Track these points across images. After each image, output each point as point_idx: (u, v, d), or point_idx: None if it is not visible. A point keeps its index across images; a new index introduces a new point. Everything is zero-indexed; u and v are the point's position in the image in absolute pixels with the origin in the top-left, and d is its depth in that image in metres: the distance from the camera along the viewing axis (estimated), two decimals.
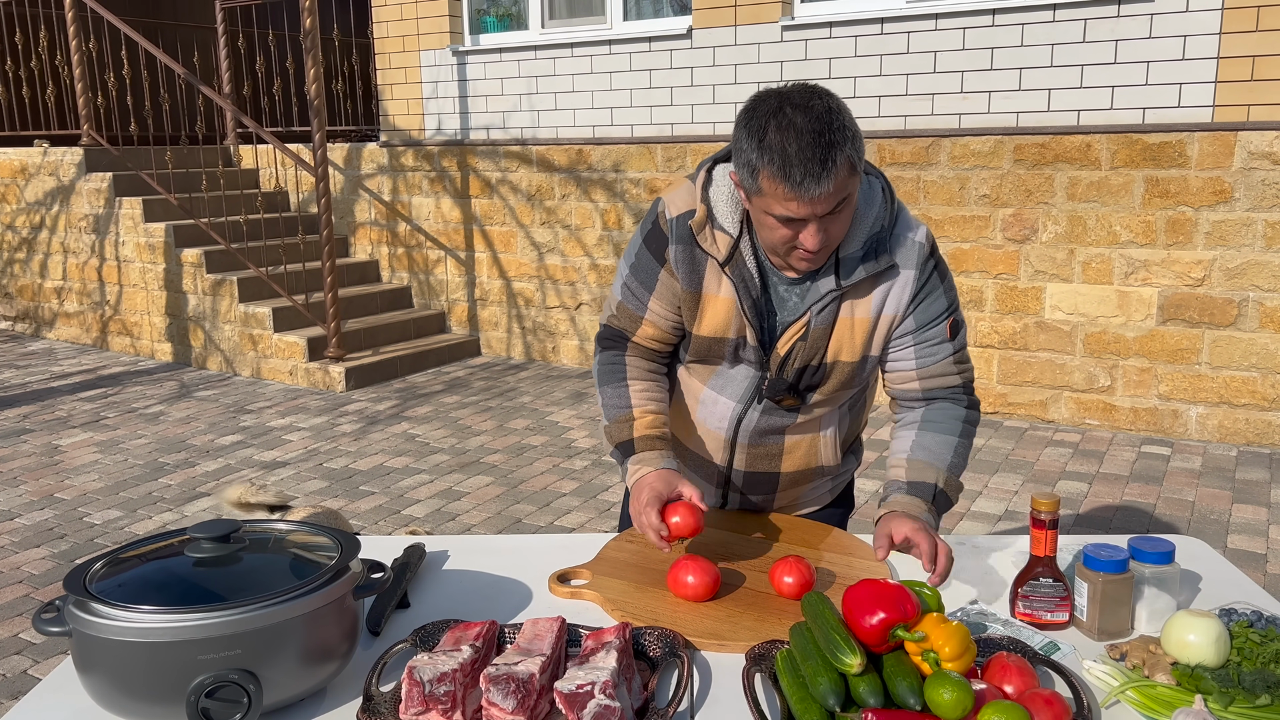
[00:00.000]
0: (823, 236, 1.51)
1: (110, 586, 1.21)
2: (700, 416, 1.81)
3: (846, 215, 1.52)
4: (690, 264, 1.66)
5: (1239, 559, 3.62)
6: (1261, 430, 4.82)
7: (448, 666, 1.20)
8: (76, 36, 7.21)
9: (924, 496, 1.62)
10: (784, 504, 1.91)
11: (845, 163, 1.45)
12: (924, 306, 1.64)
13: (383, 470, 4.78)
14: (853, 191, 1.50)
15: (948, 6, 5.18)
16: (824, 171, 1.43)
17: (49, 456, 5.08)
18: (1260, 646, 1.28)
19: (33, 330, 8.13)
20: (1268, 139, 4.59)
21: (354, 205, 7.56)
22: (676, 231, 1.65)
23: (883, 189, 1.64)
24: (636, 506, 1.60)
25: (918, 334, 1.66)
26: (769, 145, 1.44)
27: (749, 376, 1.71)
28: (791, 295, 1.65)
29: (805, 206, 1.46)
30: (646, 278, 1.71)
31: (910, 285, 1.63)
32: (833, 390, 1.71)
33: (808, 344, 1.64)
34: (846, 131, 1.45)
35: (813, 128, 1.43)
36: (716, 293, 1.66)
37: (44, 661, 3.10)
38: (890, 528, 1.56)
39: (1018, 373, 5.33)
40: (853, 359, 1.67)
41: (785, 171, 1.44)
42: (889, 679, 1.21)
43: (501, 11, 6.91)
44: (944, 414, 1.70)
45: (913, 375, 1.69)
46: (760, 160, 1.46)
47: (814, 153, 1.42)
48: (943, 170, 5.34)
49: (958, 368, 1.69)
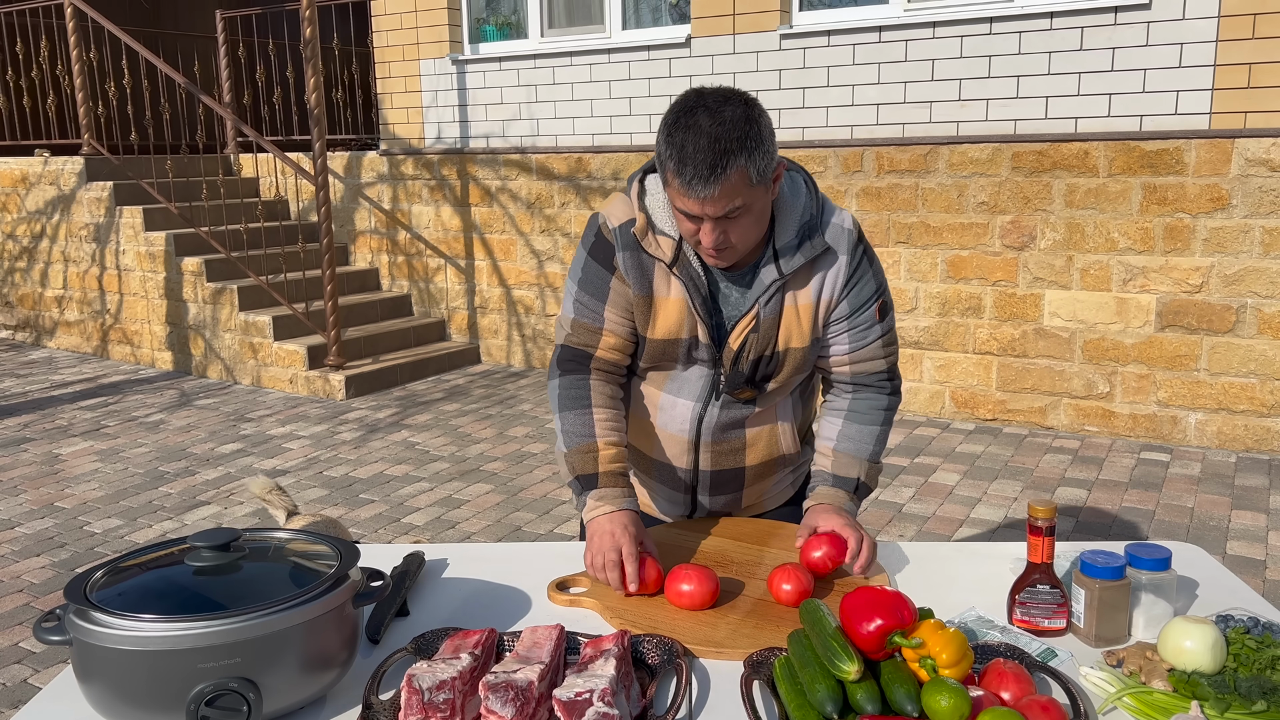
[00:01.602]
0: (720, 237, 1.57)
1: (110, 595, 1.22)
2: (661, 422, 1.82)
3: (747, 223, 1.58)
4: (639, 269, 1.70)
5: (1238, 565, 3.62)
6: (1260, 436, 4.83)
7: (447, 674, 1.20)
8: (77, 46, 7.24)
9: (847, 489, 1.76)
10: (751, 502, 1.94)
11: (738, 172, 1.50)
12: (856, 290, 1.72)
13: (382, 478, 4.79)
14: (752, 202, 1.55)
15: (945, 15, 5.20)
16: (711, 176, 1.49)
17: (49, 465, 5.08)
18: (1256, 653, 1.29)
19: (33, 339, 8.13)
20: (1264, 146, 4.60)
21: (354, 213, 7.57)
22: (622, 239, 1.70)
23: (805, 181, 1.72)
24: (598, 548, 1.59)
25: (851, 318, 1.73)
26: (674, 142, 1.52)
27: (703, 375, 1.76)
28: (736, 290, 1.71)
29: (696, 205, 1.53)
30: (598, 289, 1.74)
31: (844, 270, 1.70)
32: (787, 376, 1.76)
33: (760, 335, 1.69)
34: (749, 143, 1.50)
35: (713, 133, 1.49)
36: (667, 295, 1.71)
37: (44, 670, 3.10)
38: (817, 520, 1.67)
39: (1016, 379, 5.34)
40: (803, 344, 1.73)
41: (679, 169, 1.51)
42: (886, 686, 1.21)
43: (501, 20, 6.94)
44: (869, 404, 1.80)
45: (845, 359, 1.77)
46: (665, 154, 1.54)
47: (707, 157, 1.49)
48: (941, 178, 5.35)
49: (884, 350, 1.78)
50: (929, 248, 5.45)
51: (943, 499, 4.34)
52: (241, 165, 8.16)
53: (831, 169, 5.63)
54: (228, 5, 11.08)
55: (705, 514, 1.92)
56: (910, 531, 3.99)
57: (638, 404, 1.85)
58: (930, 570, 1.68)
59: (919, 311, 5.53)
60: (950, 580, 1.64)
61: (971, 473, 4.66)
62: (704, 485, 1.87)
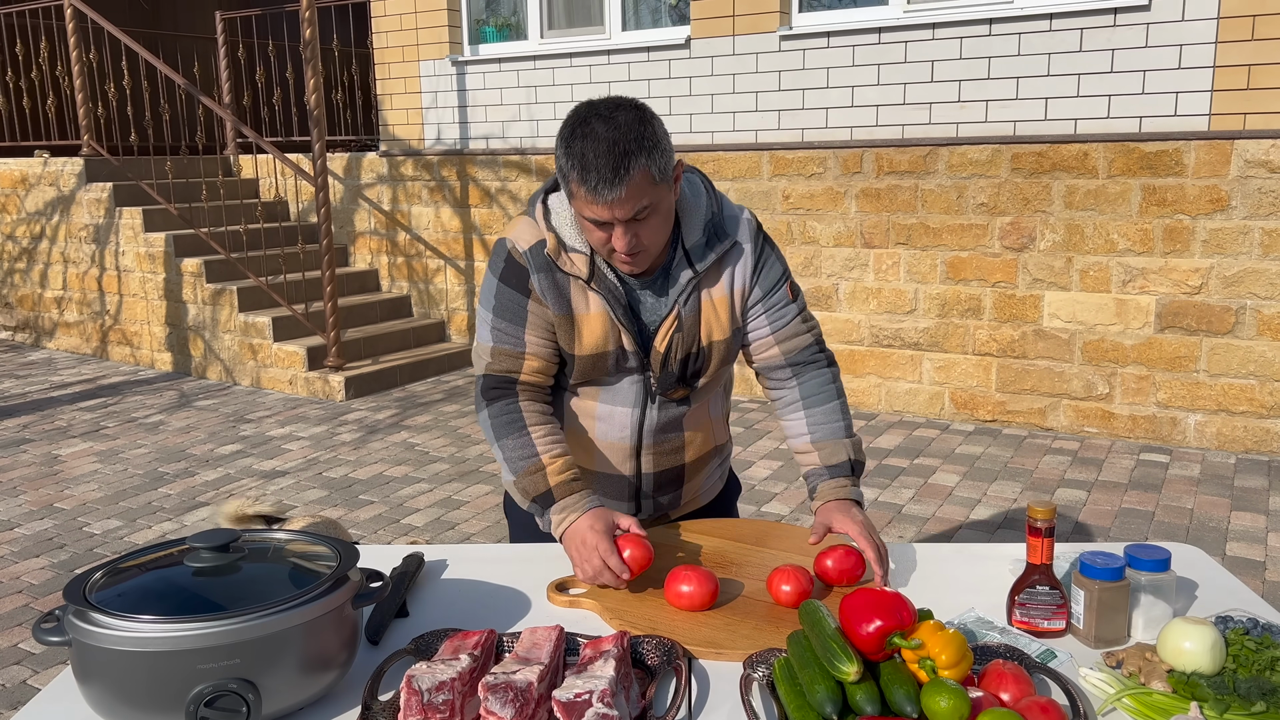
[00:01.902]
0: (632, 240, 1.61)
1: (110, 596, 1.22)
2: (600, 433, 1.84)
3: (656, 223, 1.62)
4: (555, 289, 1.72)
5: (1238, 566, 3.62)
6: (1260, 438, 4.83)
7: (446, 675, 1.20)
8: (77, 47, 7.24)
9: (844, 474, 1.77)
10: (689, 498, 1.97)
11: (641, 172, 1.56)
12: (765, 274, 1.80)
13: (382, 479, 4.79)
14: (658, 201, 1.60)
15: (945, 16, 5.20)
16: (616, 178, 1.54)
17: (49, 466, 5.08)
18: (1255, 654, 1.29)
19: (33, 340, 8.13)
20: (1264, 147, 4.61)
21: (354, 215, 7.58)
22: (535, 261, 1.72)
23: (702, 182, 1.78)
24: (581, 559, 1.59)
25: (766, 300, 1.80)
26: (574, 152, 1.57)
27: (635, 382, 1.79)
28: (650, 296, 1.76)
29: (606, 210, 1.57)
30: (514, 314, 1.74)
31: (750, 258, 1.78)
32: (715, 370, 1.81)
33: (684, 334, 1.75)
34: (646, 143, 1.56)
35: (611, 137, 1.54)
36: (587, 310, 1.73)
37: (43, 671, 3.10)
38: (831, 519, 1.68)
39: (1016, 381, 5.34)
40: (724, 336, 1.79)
41: (584, 177, 1.55)
42: (886, 687, 1.21)
43: (501, 22, 6.94)
44: (815, 384, 1.84)
45: (770, 341, 1.82)
46: (567, 166, 1.58)
47: (609, 160, 1.54)
48: (940, 179, 5.35)
49: (805, 325, 1.84)
50: (928, 249, 5.45)
51: (942, 500, 4.34)
52: (241, 166, 8.16)
53: (831, 170, 5.63)
54: (227, 6, 11.08)
55: (645, 516, 1.94)
56: (910, 532, 3.99)
57: (573, 419, 1.86)
58: (930, 571, 1.68)
59: (919, 313, 5.53)
60: (950, 581, 1.64)
61: (971, 474, 4.66)
62: (647, 487, 1.90)
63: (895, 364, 5.65)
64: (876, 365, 5.70)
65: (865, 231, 5.60)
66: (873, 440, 5.19)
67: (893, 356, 5.65)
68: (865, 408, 5.78)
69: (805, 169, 5.72)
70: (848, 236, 5.66)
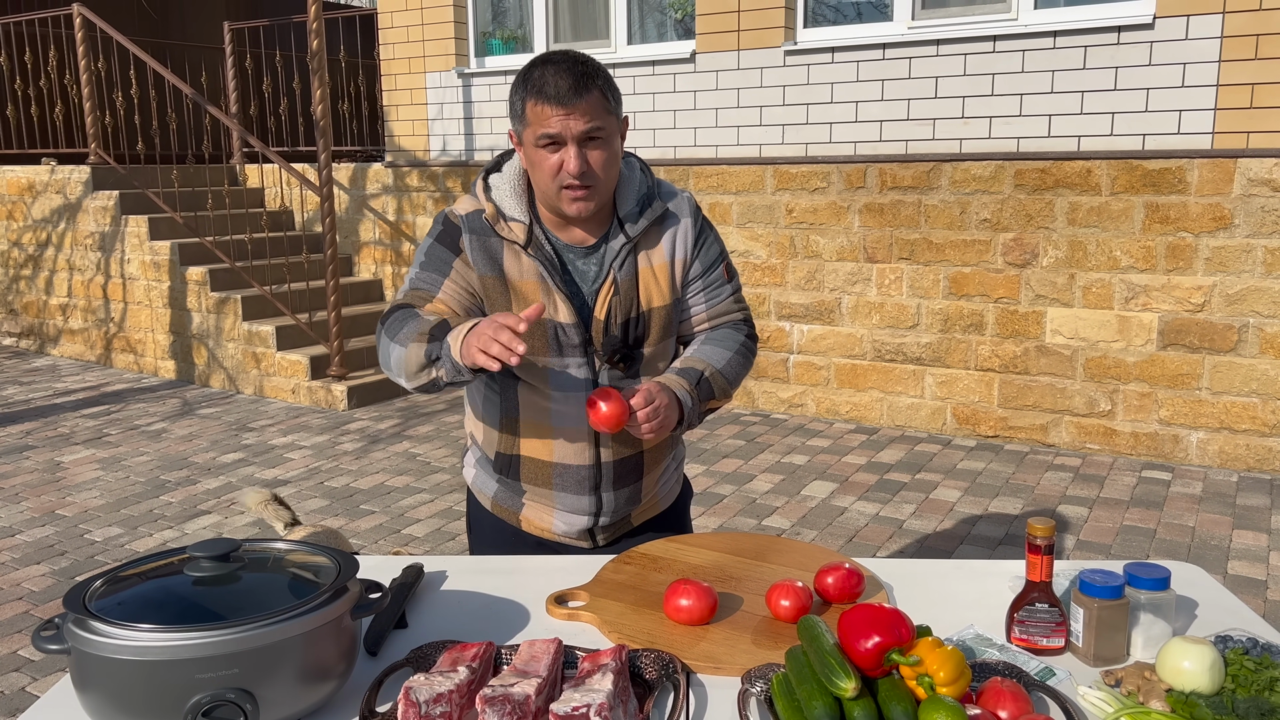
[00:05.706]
0: (582, 162, 1.65)
1: (109, 605, 1.22)
2: (556, 422, 1.84)
3: (607, 156, 1.69)
4: (485, 251, 1.77)
5: (1239, 585, 3.61)
6: (1262, 456, 4.82)
7: (444, 687, 1.20)
8: (85, 56, 7.28)
9: (689, 379, 1.80)
10: (648, 493, 1.96)
11: (598, 92, 1.65)
12: (705, 250, 1.87)
13: (383, 489, 4.79)
14: (609, 134, 1.68)
15: (949, 33, 5.22)
16: (577, 89, 1.63)
17: (51, 473, 5.08)
18: (1255, 674, 1.28)
19: (37, 347, 8.15)
20: (1267, 166, 4.61)
21: (358, 225, 7.60)
22: (469, 224, 1.78)
23: (639, 163, 1.87)
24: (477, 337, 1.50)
25: (705, 277, 1.87)
26: (531, 79, 1.66)
27: (582, 363, 1.81)
28: (590, 265, 1.81)
29: (562, 120, 1.63)
30: (439, 267, 1.78)
31: (691, 231, 1.85)
32: (657, 338, 1.85)
33: (621, 298, 1.79)
34: (603, 73, 1.69)
35: (568, 64, 1.66)
36: (520, 277, 1.77)
37: (42, 679, 3.10)
38: (645, 386, 1.71)
39: (1018, 396, 5.34)
40: (664, 303, 1.84)
41: (540, 90, 1.64)
42: (884, 703, 1.21)
43: (507, 34, 6.97)
44: (724, 335, 1.91)
45: (704, 318, 1.90)
46: (525, 92, 1.66)
47: (568, 77, 1.63)
48: (944, 194, 5.36)
49: (738, 306, 1.93)
50: (931, 264, 5.45)
51: (943, 515, 4.34)
52: (247, 176, 8.19)
53: (834, 185, 5.65)
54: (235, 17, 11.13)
55: (609, 518, 1.92)
56: (910, 548, 3.99)
57: (528, 412, 1.85)
58: (929, 587, 1.68)
59: (921, 328, 5.54)
60: (949, 597, 1.64)
61: (972, 489, 4.66)
62: (607, 479, 1.88)
63: (897, 379, 5.65)
64: (879, 380, 5.70)
65: (868, 246, 5.61)
66: (874, 455, 5.19)
67: (895, 371, 5.65)
68: (867, 422, 5.77)
69: (809, 184, 5.73)
70: (851, 251, 5.67)
